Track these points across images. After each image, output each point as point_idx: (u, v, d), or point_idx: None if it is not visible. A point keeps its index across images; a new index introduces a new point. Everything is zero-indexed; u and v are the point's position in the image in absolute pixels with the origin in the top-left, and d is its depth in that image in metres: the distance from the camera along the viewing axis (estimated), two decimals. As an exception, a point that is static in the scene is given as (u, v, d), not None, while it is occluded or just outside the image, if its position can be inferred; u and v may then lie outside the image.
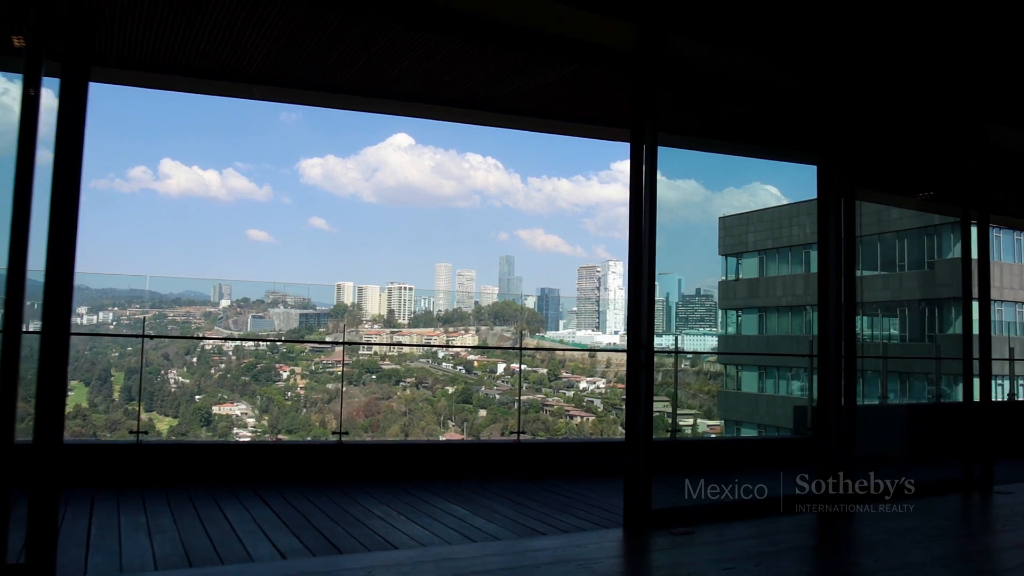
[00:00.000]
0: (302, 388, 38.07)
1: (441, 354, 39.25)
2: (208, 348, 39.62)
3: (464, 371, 39.79)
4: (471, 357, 39.03)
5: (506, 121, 6.99)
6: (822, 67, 5.61)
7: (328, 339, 41.32)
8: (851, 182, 6.10)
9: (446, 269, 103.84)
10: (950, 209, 7.28)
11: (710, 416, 34.24)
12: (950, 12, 5.11)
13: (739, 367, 34.75)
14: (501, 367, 37.98)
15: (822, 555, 4.53)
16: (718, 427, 34.40)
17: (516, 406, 32.65)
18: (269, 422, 36.38)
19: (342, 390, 8.54)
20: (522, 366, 23.44)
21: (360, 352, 36.78)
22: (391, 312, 49.13)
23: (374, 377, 37.78)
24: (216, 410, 36.43)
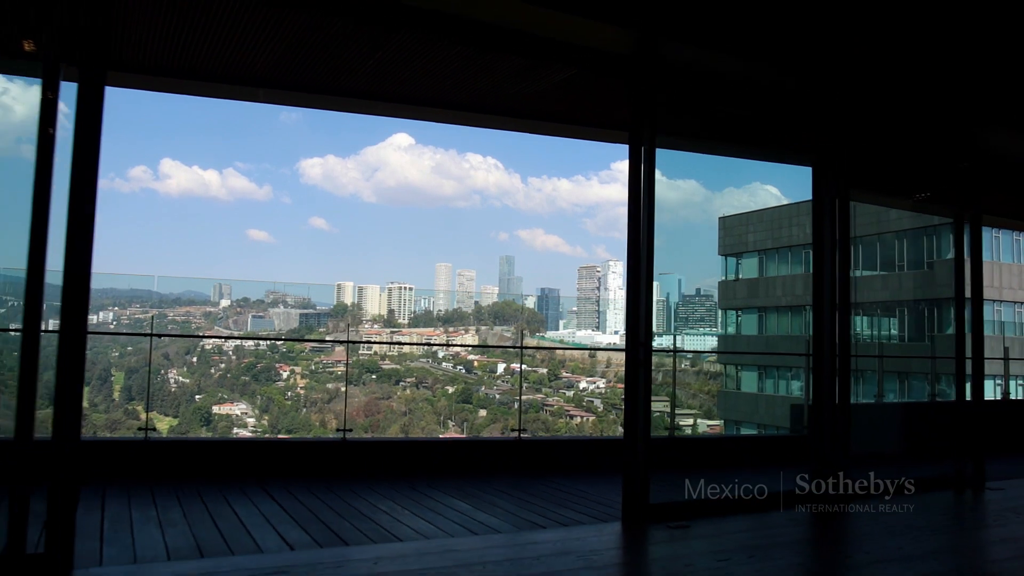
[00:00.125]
0: (302, 388, 38.07)
1: (441, 354, 39.27)
2: (208, 348, 39.56)
3: (464, 371, 39.84)
4: (471, 357, 39.06)
5: (507, 124, 7.11)
6: (816, 70, 5.72)
7: (329, 338, 41.32)
8: (846, 183, 6.21)
9: (446, 269, 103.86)
10: (944, 210, 7.38)
11: (710, 416, 34.31)
12: (942, 17, 5.23)
13: (739, 367, 34.80)
14: (501, 367, 38.05)
15: (815, 548, 4.65)
16: (718, 427, 34.47)
17: (516, 405, 32.77)
18: (269, 422, 36.36)
19: (346, 388, 8.64)
20: (522, 364, 23.47)
21: (360, 352, 36.84)
22: (391, 312, 49.17)
23: (374, 377, 37.80)
24: (216, 410, 36.37)
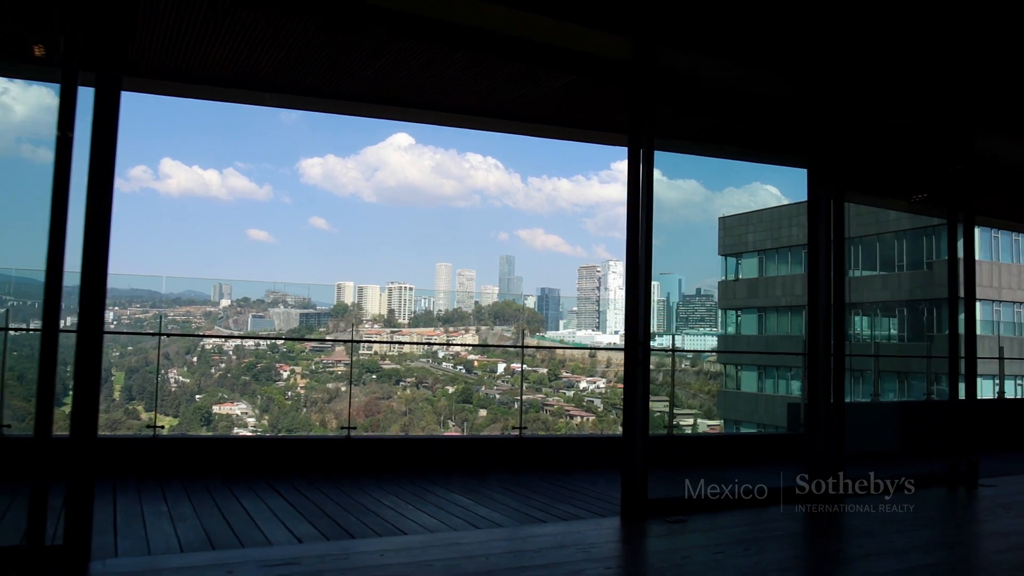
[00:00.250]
0: (302, 388, 38.18)
1: (441, 354, 39.36)
2: (208, 347, 39.65)
3: (464, 371, 39.94)
4: (471, 357, 39.18)
5: (508, 127, 7.24)
6: (812, 76, 5.84)
7: (329, 338, 41.39)
8: (840, 185, 6.32)
9: (446, 269, 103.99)
10: (938, 211, 7.50)
11: (710, 416, 34.43)
12: (937, 24, 5.36)
13: (738, 367, 34.91)
14: (501, 367, 38.16)
15: (809, 541, 4.77)
16: (718, 427, 34.57)
17: (516, 404, 32.89)
18: (269, 421, 36.43)
19: (350, 387, 8.76)
20: (523, 363, 23.61)
21: (360, 352, 36.94)
22: (391, 312, 49.30)
23: (374, 377, 37.88)
24: (216, 409, 36.42)
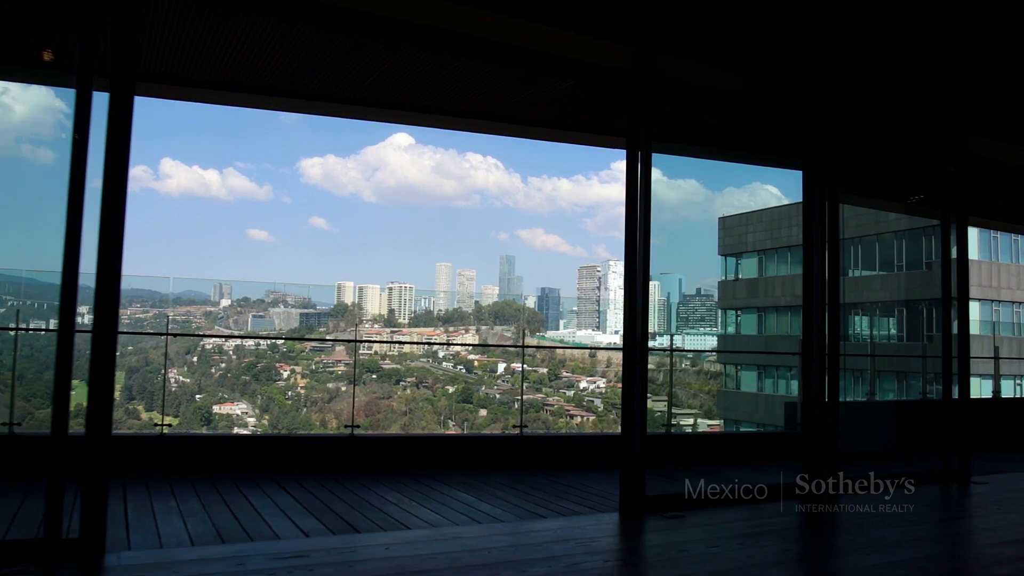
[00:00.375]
0: (303, 387, 38.24)
1: (441, 354, 39.41)
2: (208, 347, 39.70)
3: (464, 371, 39.99)
4: (471, 357, 39.23)
5: (508, 130, 7.34)
6: (807, 82, 5.96)
7: (329, 337, 41.44)
8: (835, 187, 6.43)
9: (446, 269, 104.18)
10: (931, 213, 7.62)
11: (710, 416, 34.52)
12: (928, 31, 5.48)
13: (738, 367, 35.01)
14: (501, 367, 38.22)
15: (802, 536, 4.89)
16: (718, 426, 34.67)
17: (516, 404, 32.98)
18: (269, 421, 36.48)
19: (354, 386, 8.88)
20: (524, 363, 23.72)
21: (360, 352, 37.01)
22: (391, 312, 49.39)
23: (374, 377, 37.91)
24: (216, 409, 36.45)
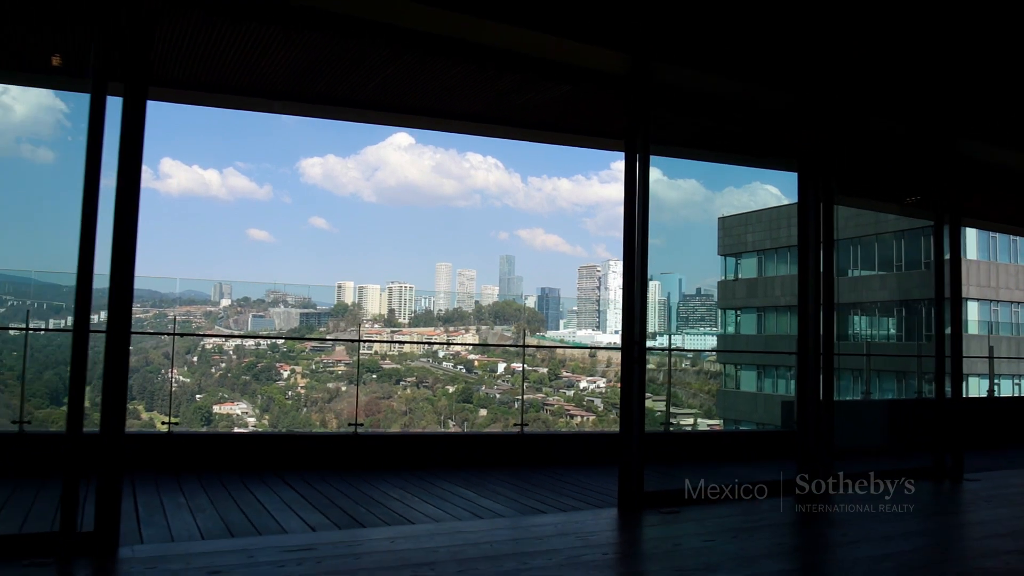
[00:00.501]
0: (303, 387, 38.32)
1: (441, 353, 39.49)
2: (208, 347, 39.77)
3: (464, 370, 40.07)
4: (471, 356, 39.31)
5: (509, 132, 7.45)
6: (801, 87, 6.08)
7: (331, 337, 41.49)
8: (830, 188, 6.56)
9: (446, 269, 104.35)
10: (925, 214, 7.74)
11: (710, 415, 34.62)
12: (921, 36, 5.60)
13: (738, 366, 35.12)
14: (501, 366, 38.29)
15: (796, 530, 5.00)
16: (718, 426, 34.76)
17: (516, 404, 33.07)
18: (270, 421, 36.55)
19: (357, 385, 9.02)
20: (524, 363, 23.81)
21: (361, 351, 37.08)
22: (391, 311, 49.50)
23: (374, 376, 38.00)
24: (216, 409, 36.46)
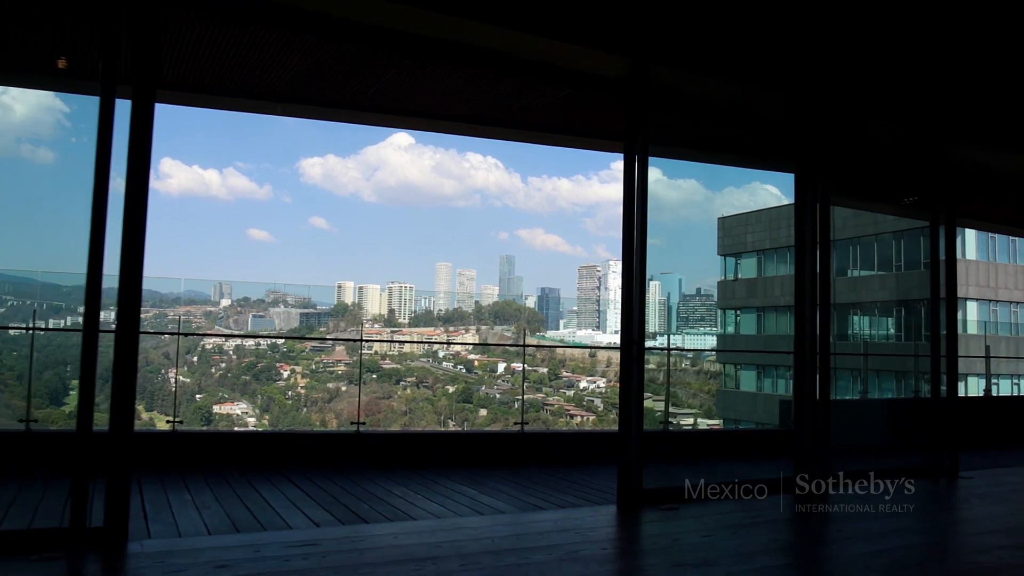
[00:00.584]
0: (303, 387, 38.39)
1: (441, 353, 39.57)
2: (208, 347, 39.84)
3: (464, 370, 40.15)
4: (471, 356, 39.38)
5: (510, 135, 7.54)
6: (798, 90, 6.16)
7: (331, 337, 41.52)
8: (826, 189, 6.65)
9: (446, 269, 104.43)
10: (920, 215, 7.83)
11: (710, 415, 34.68)
12: (915, 41, 5.69)
13: (737, 366, 35.17)
14: (501, 366, 38.35)
15: (792, 527, 5.09)
16: (717, 426, 34.85)
17: (516, 404, 33.14)
18: (270, 421, 36.62)
19: (360, 384, 9.10)
20: (525, 363, 23.89)
21: (361, 351, 37.19)
22: (391, 311, 49.58)
23: (375, 376, 38.08)
24: (216, 409, 36.49)
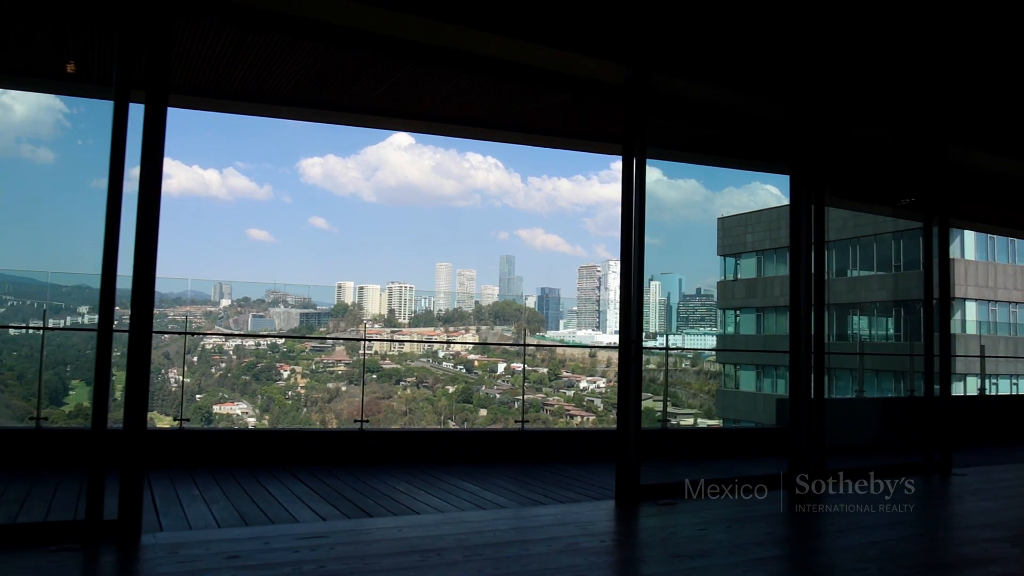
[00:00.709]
0: (303, 387, 38.46)
1: (441, 354, 39.64)
2: (208, 347, 39.89)
3: (464, 370, 40.22)
4: (471, 357, 39.46)
5: (510, 137, 7.67)
6: (791, 95, 6.29)
7: (333, 336, 41.57)
8: (821, 190, 6.77)
9: (446, 269, 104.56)
10: (915, 216, 7.95)
11: (710, 415, 34.79)
12: (909, 45, 5.82)
13: (737, 366, 35.29)
14: (501, 366, 38.42)
15: (787, 521, 5.21)
16: (717, 426, 34.97)
17: (516, 404, 33.24)
18: (270, 421, 36.70)
19: (363, 383, 9.22)
20: (525, 362, 23.99)
21: (360, 351, 37.30)
22: (391, 311, 49.69)
23: (375, 376, 38.14)
24: (217, 409, 36.53)
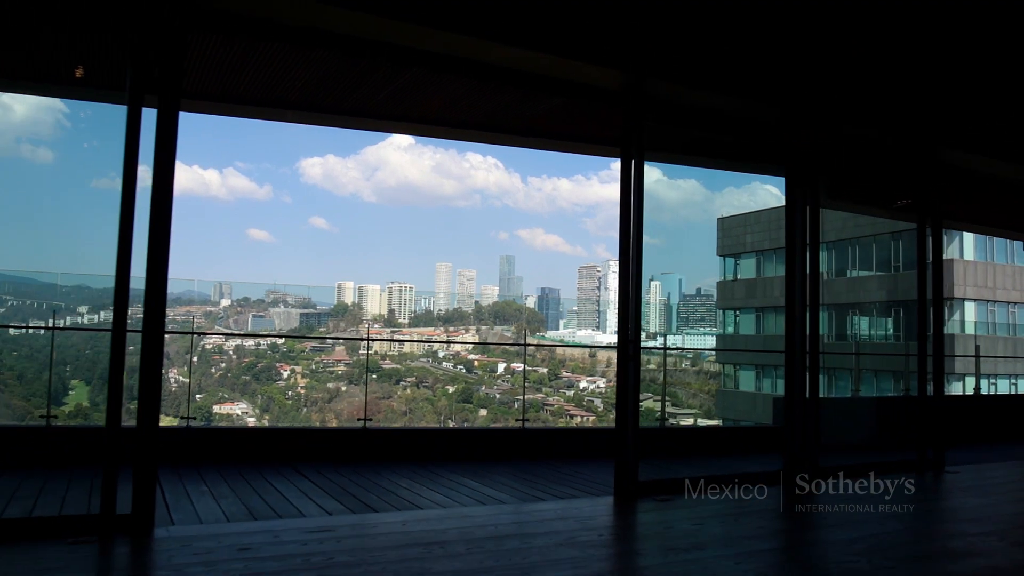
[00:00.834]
0: (303, 387, 38.60)
1: (441, 354, 39.77)
2: (209, 347, 40.00)
3: (464, 370, 40.37)
4: (471, 357, 39.60)
5: (510, 140, 7.79)
6: (785, 99, 6.41)
7: (333, 336, 41.69)
8: (816, 192, 6.89)
9: (446, 269, 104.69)
10: (909, 218, 8.08)
11: (710, 415, 34.91)
12: (904, 48, 5.95)
13: (737, 366, 35.41)
14: (501, 367, 38.58)
15: (781, 516, 5.34)
16: (715, 425, 35.09)
17: (516, 404, 33.35)
18: (270, 421, 36.84)
19: (366, 382, 9.31)
20: (525, 362, 24.11)
21: (360, 351, 37.40)
22: (391, 311, 49.84)
23: (375, 376, 38.20)
24: (217, 409, 36.63)
